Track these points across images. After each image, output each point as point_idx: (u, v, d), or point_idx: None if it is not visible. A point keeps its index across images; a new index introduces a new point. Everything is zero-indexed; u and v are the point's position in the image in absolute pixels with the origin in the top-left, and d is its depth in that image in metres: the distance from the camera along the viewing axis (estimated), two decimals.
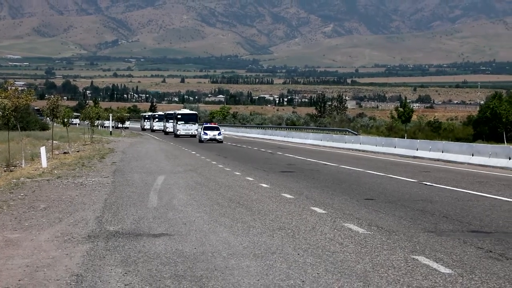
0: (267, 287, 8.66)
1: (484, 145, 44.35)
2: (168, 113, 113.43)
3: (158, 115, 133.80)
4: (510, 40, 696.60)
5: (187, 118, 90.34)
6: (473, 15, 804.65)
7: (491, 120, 79.91)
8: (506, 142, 68.23)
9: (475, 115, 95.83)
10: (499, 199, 19.09)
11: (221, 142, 66.86)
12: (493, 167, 33.04)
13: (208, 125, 73.60)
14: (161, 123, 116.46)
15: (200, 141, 67.94)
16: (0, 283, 9.01)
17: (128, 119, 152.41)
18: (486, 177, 27.80)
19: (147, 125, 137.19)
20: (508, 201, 18.60)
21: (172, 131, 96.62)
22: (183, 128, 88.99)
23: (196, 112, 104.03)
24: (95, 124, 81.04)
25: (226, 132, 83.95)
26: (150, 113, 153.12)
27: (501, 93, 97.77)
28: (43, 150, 32.64)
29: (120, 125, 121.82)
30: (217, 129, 70.48)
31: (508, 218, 14.97)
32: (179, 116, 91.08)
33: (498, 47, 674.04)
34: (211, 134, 67.99)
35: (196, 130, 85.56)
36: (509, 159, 33.06)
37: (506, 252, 10.98)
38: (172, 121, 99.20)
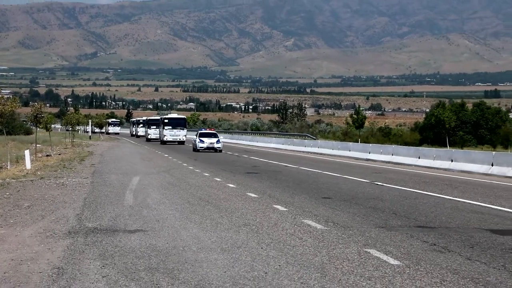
0: (233, 278, 8.66)
1: (429, 148, 44.79)
2: (150, 119, 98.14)
3: (142, 120, 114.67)
4: (452, 55, 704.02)
5: (175, 123, 74.56)
6: (420, 32, 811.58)
7: (435, 126, 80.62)
8: (449, 146, 68.87)
9: (421, 122, 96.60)
10: (442, 197, 19.28)
11: (220, 151, 53.12)
12: (437, 168, 33.35)
13: (205, 131, 58.63)
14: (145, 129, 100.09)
15: (195, 150, 53.66)
16: None
17: (119, 125, 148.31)
18: (431, 177, 28.06)
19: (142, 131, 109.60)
20: (450, 199, 18.78)
21: (156, 137, 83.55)
22: (170, 134, 73.32)
23: (185, 117, 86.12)
24: (76, 129, 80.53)
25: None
26: (145, 118, 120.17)
27: (445, 102, 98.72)
28: (27, 153, 32.37)
29: (98, 130, 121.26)
30: (214, 136, 55.65)
31: (450, 215, 15.12)
32: (166, 121, 74.87)
33: (441, 60, 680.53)
34: (208, 142, 53.47)
35: (185, 136, 74.04)
36: (451, 161, 33.41)
37: (448, 245, 11.08)
38: (154, 126, 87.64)
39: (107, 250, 10.60)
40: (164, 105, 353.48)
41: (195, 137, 56.45)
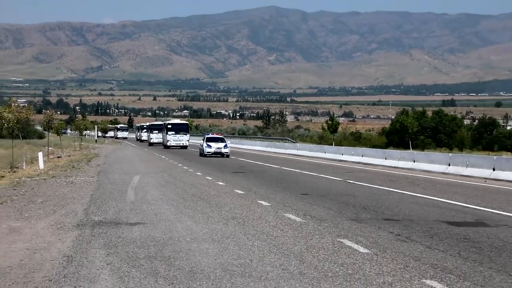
0: (223, 265, 8.65)
1: (394, 151, 44.91)
2: (152, 124, 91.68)
3: (146, 126, 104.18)
4: (414, 68, 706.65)
5: (178, 128, 69.25)
6: (386, 48, 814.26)
7: (400, 131, 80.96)
8: (412, 149, 69.11)
9: (387, 127, 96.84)
10: (406, 193, 19.35)
11: (228, 156, 46.33)
12: (401, 168, 33.45)
13: (211, 135, 52.37)
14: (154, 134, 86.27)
15: (202, 154, 46.92)
16: (4, 263, 8.91)
17: (126, 130, 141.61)
18: (396, 176, 28.15)
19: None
20: (413, 195, 18.86)
21: (158, 141, 77.28)
22: (173, 139, 67.58)
23: (187, 122, 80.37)
24: (83, 133, 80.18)
25: (190, 140, 73.30)
26: (148, 124, 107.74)
27: (408, 110, 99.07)
28: (40, 154, 32.23)
29: (101, 134, 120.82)
30: (222, 140, 48.92)
31: (412, 209, 15.19)
32: (169, 126, 69.39)
33: (405, 73, 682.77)
34: (215, 146, 46.59)
35: (187, 140, 68.26)
36: (414, 162, 33.52)
37: (411, 235, 11.13)
38: (156, 131, 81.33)
39: (111, 240, 10.57)
40: (161, 113, 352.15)
41: (202, 141, 49.61)
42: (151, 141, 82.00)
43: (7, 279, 8.00)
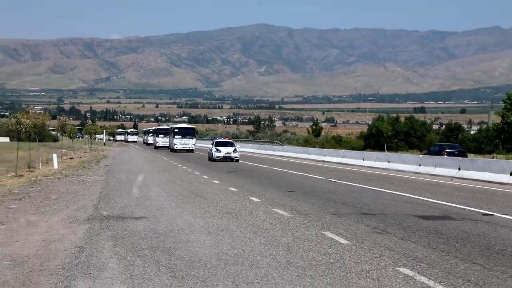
0: (218, 255, 8.66)
1: (371, 152, 44.95)
2: (158, 128, 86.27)
3: (152, 130, 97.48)
4: (388, 79, 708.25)
5: (184, 132, 63.90)
6: (363, 61, 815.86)
7: (376, 135, 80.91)
8: (386, 151, 69.21)
9: (365, 132, 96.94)
10: (382, 190, 19.40)
11: (237, 161, 41.13)
12: (377, 168, 33.54)
13: (221, 140, 46.78)
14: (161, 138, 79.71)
15: (211, 159, 41.91)
16: (22, 253, 8.90)
17: (136, 134, 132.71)
18: (373, 175, 28.21)
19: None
20: (388, 192, 18.91)
21: (164, 145, 73.87)
22: (180, 143, 62.59)
23: (194, 127, 71.89)
24: (93, 137, 79.93)
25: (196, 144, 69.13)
26: (153, 128, 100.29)
27: (383, 116, 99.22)
28: (54, 156, 32.18)
29: (111, 138, 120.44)
30: (231, 145, 43.55)
31: (387, 204, 15.23)
32: (176, 130, 64.23)
33: (380, 84, 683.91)
34: (224, 151, 41.67)
35: (194, 144, 63.41)
36: (388, 162, 33.62)
37: (386, 228, 11.17)
38: (162, 135, 77.47)
39: (118, 233, 10.55)
40: (163, 118, 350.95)
41: (210, 146, 44.94)
42: (157, 144, 78.31)
43: (25, 268, 8.00)
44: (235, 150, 41.87)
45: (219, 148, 42.00)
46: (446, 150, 39.81)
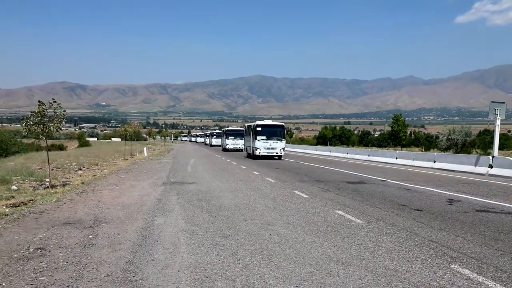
0: (235, 204, 8.64)
1: (320, 146, 44.47)
2: (228, 129, 42.15)
3: (216, 132, 60.86)
4: (330, 106, 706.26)
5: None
6: (316, 96, 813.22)
7: (323, 137, 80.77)
8: (329, 146, 68.91)
9: (317, 135, 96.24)
10: (326, 168, 19.23)
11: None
12: (324, 155, 33.08)
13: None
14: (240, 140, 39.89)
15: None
16: (128, 201, 8.82)
17: (202, 136, 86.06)
18: (322, 159, 27.90)
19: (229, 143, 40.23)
20: (329, 168, 18.73)
21: (235, 147, 38.69)
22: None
23: (283, 124, 26.27)
24: (166, 139, 79.64)
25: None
26: (218, 131, 64.85)
27: (327, 126, 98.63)
28: (145, 149, 32.11)
29: (176, 139, 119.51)
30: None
31: (329, 175, 15.13)
32: (258, 129, 24.75)
33: (326, 109, 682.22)
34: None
35: (282, 149, 24.84)
36: (330, 152, 33.33)
37: (329, 188, 11.12)
38: (232, 137, 39.22)
39: (179, 191, 10.51)
40: (204, 127, 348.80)
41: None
42: (227, 147, 43.67)
43: (130, 209, 8.01)
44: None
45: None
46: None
